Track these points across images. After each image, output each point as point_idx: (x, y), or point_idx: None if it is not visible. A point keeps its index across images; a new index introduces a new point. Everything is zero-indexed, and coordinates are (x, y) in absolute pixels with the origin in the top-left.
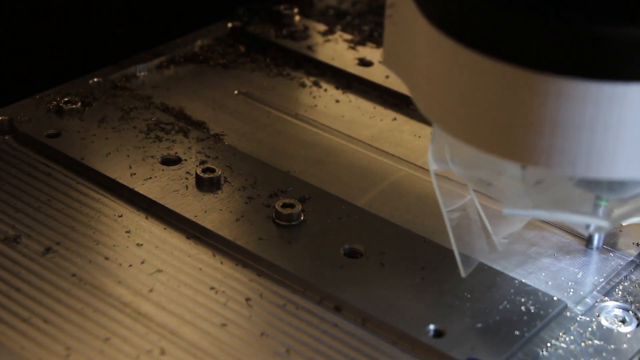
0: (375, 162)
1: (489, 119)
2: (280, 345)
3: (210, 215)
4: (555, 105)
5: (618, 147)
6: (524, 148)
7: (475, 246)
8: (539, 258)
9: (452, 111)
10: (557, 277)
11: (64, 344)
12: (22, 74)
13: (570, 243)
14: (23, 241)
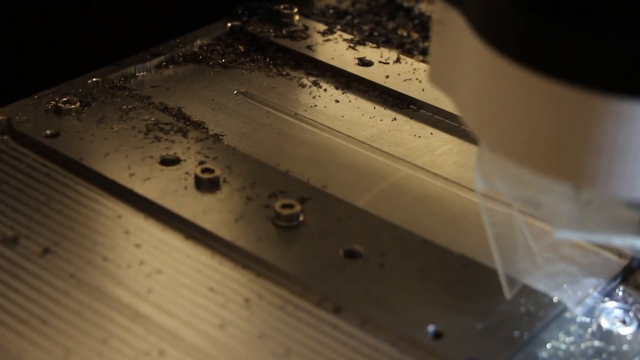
0: (375, 163)
1: (544, 139)
2: (279, 346)
3: (209, 216)
4: (614, 127)
5: None
6: (581, 170)
7: (518, 265)
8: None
9: (504, 131)
10: (557, 278)
11: (62, 345)
12: (21, 74)
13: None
14: (21, 242)
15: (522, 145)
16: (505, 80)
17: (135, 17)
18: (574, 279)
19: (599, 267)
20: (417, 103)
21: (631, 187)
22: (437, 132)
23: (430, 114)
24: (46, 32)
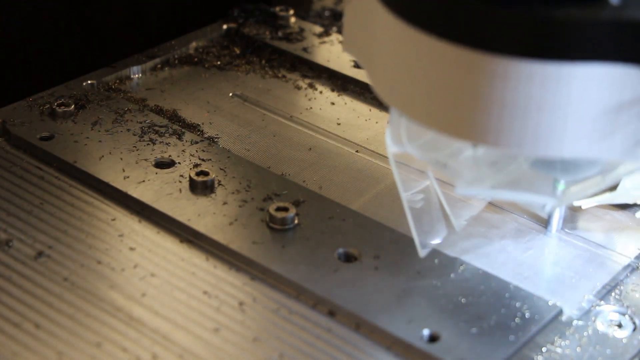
0: (371, 165)
1: (439, 98)
2: (274, 350)
3: (204, 219)
4: (503, 85)
5: (564, 126)
6: (474, 127)
7: (433, 228)
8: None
9: (405, 92)
10: (552, 281)
11: (56, 349)
12: (15, 77)
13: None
14: (15, 245)
15: (425, 106)
16: (404, 43)
17: (130, 20)
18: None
19: (595, 270)
20: None
21: (520, 145)
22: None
23: None
24: (41, 35)
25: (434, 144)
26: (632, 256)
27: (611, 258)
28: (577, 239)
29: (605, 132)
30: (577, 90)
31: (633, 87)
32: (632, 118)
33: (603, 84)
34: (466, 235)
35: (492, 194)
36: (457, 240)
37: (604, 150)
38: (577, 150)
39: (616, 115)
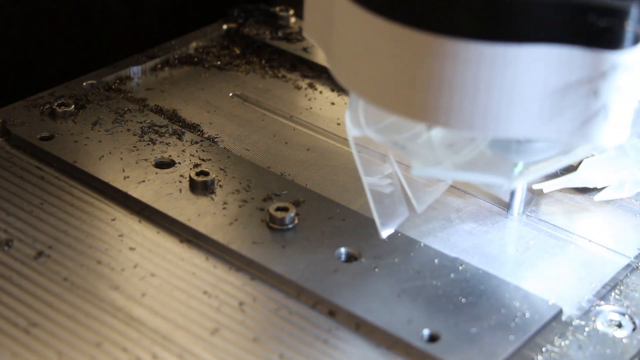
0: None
1: (393, 80)
2: (274, 350)
3: (204, 219)
4: (453, 67)
5: (512, 107)
6: (426, 108)
7: (394, 210)
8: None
9: (361, 75)
10: (551, 281)
11: (56, 349)
12: (15, 77)
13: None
14: (15, 245)
15: (379, 88)
16: (360, 28)
17: (130, 20)
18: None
19: (595, 270)
20: None
21: (471, 125)
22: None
23: None
24: (41, 34)
25: (394, 127)
26: (631, 256)
27: (610, 258)
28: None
29: (553, 112)
30: (524, 72)
31: (579, 68)
32: (579, 99)
33: (550, 65)
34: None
35: (448, 175)
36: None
37: (553, 130)
38: (525, 130)
39: (563, 96)
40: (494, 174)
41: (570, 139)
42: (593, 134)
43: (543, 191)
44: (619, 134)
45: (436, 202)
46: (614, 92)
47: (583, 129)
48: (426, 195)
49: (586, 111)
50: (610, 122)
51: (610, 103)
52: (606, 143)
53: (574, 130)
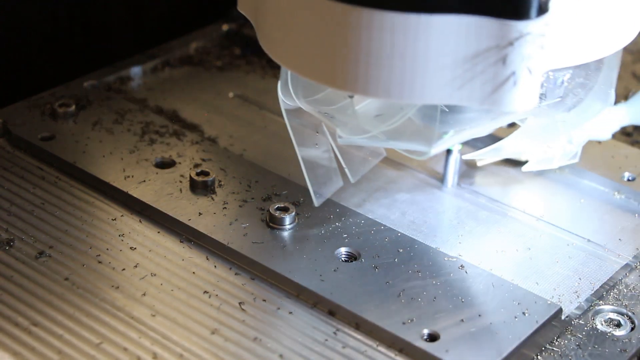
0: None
1: (314, 50)
2: (274, 350)
3: (204, 219)
4: (368, 36)
5: (426, 74)
6: (345, 77)
7: (328, 179)
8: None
9: (286, 46)
10: (551, 280)
11: (56, 349)
12: (16, 77)
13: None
14: (16, 245)
15: (303, 58)
16: (284, 0)
17: (130, 20)
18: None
19: (594, 269)
20: None
21: (387, 92)
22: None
23: None
24: (42, 35)
25: (326, 99)
26: (630, 256)
27: (610, 258)
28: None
29: (464, 79)
30: (436, 40)
31: (488, 38)
32: (488, 66)
33: (460, 34)
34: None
35: (372, 142)
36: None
37: (465, 97)
38: (439, 97)
39: (473, 63)
40: (416, 141)
41: (482, 105)
42: (503, 101)
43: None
44: (528, 101)
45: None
46: (522, 60)
47: (493, 95)
48: (360, 165)
49: (496, 79)
50: (519, 89)
51: (518, 71)
52: (516, 109)
53: (485, 97)
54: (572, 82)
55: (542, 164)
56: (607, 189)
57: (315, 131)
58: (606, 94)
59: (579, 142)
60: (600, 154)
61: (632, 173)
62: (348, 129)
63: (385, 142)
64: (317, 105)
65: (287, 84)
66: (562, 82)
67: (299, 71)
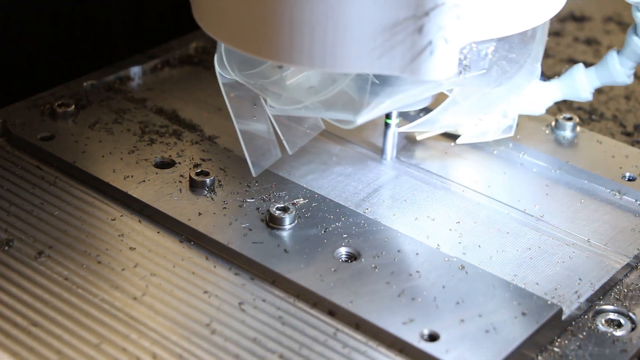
0: (371, 165)
1: (241, 21)
2: (274, 350)
3: (204, 219)
4: (292, 5)
5: (347, 44)
6: (270, 46)
7: (266, 150)
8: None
9: (215, 17)
10: (551, 280)
11: (55, 349)
12: (16, 77)
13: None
14: (15, 245)
15: (233, 30)
16: None
17: (130, 20)
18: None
19: (594, 269)
20: None
21: (311, 61)
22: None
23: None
24: (41, 34)
25: (260, 73)
26: (630, 256)
27: (610, 258)
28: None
29: (384, 48)
30: (356, 10)
31: (405, 7)
32: (407, 36)
33: (378, 3)
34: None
35: (303, 112)
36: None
37: (385, 66)
38: (361, 66)
39: (392, 33)
40: (345, 111)
41: (402, 73)
42: (421, 69)
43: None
44: (446, 70)
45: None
46: (438, 30)
47: (412, 64)
48: (298, 138)
49: (414, 48)
50: (436, 58)
51: (435, 40)
52: (434, 78)
53: (404, 66)
54: (496, 55)
55: (476, 137)
56: (607, 189)
57: (253, 104)
58: (532, 68)
59: (512, 116)
60: (600, 154)
61: (632, 173)
62: (282, 101)
63: (316, 112)
64: (253, 78)
65: (222, 57)
66: (485, 55)
67: (230, 43)
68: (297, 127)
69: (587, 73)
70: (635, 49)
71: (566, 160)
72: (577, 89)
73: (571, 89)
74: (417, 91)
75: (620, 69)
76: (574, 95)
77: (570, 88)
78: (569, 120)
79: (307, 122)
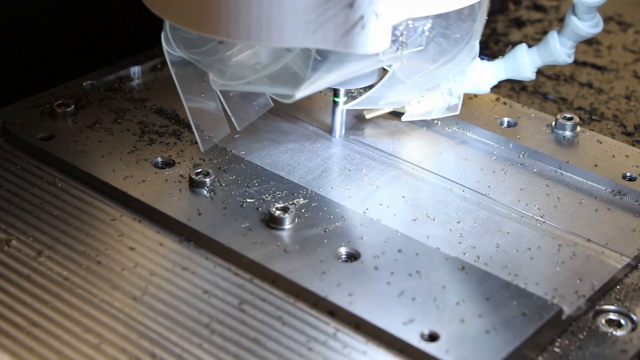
0: (371, 165)
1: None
2: (273, 350)
3: (204, 219)
4: None
5: (282, 18)
6: (209, 21)
7: (215, 126)
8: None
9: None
10: (551, 280)
11: (55, 349)
12: (15, 77)
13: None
14: (15, 245)
15: (174, 6)
16: None
17: (130, 20)
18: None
19: (595, 269)
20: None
21: (248, 36)
22: (432, 133)
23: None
24: (41, 35)
25: (206, 50)
26: (630, 256)
27: (610, 257)
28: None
29: (318, 23)
30: None
31: None
32: (339, 11)
33: None
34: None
35: (245, 87)
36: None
37: (320, 40)
38: (296, 40)
39: (325, 7)
40: (286, 86)
41: (336, 47)
42: (354, 43)
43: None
44: (378, 44)
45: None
46: (369, 5)
47: (345, 38)
48: (246, 114)
49: (346, 22)
50: (368, 32)
51: (366, 15)
52: (367, 51)
53: (337, 40)
54: (432, 32)
55: (422, 114)
56: (607, 189)
57: (201, 81)
58: (471, 46)
59: (458, 94)
60: (601, 154)
61: (632, 173)
62: (226, 77)
63: (257, 87)
64: (199, 55)
65: (168, 35)
66: (422, 31)
67: (171, 18)
68: (246, 104)
69: (530, 53)
70: (574, 29)
71: (566, 160)
72: (520, 68)
73: (514, 68)
74: (355, 66)
75: (560, 49)
76: (517, 74)
77: (514, 67)
78: (569, 120)
79: (256, 100)
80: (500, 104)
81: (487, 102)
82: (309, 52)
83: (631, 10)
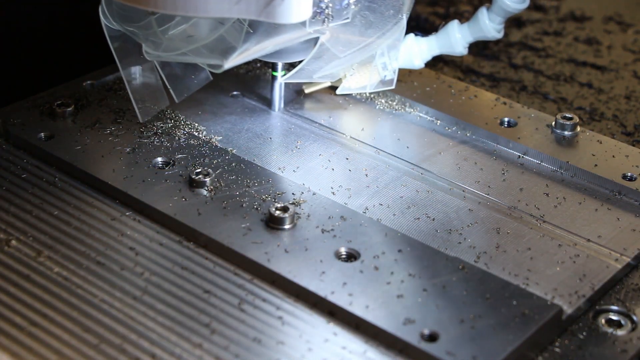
0: (371, 164)
1: None
2: (273, 350)
3: (204, 219)
4: None
5: None
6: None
7: (153, 97)
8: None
9: None
10: (551, 280)
11: (55, 349)
12: (15, 77)
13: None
14: (14, 244)
15: None
16: None
17: None
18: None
19: (595, 269)
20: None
21: (173, 6)
22: (432, 133)
23: (428, 117)
24: (41, 35)
25: (145, 25)
26: (630, 256)
27: (610, 258)
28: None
29: None
30: None
31: None
32: None
33: None
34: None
35: (178, 58)
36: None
37: (243, 10)
38: (220, 10)
39: None
40: (217, 57)
41: (259, 17)
42: (276, 13)
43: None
44: (299, 14)
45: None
46: None
47: (267, 8)
48: (184, 87)
49: None
50: (289, 3)
51: None
52: (288, 21)
53: (260, 10)
54: (358, 5)
55: (357, 88)
56: (607, 189)
57: (139, 54)
58: (399, 20)
59: (392, 69)
60: (601, 154)
61: (632, 173)
62: (161, 48)
63: (190, 58)
64: (135, 28)
65: (104, 9)
66: (347, 4)
67: None
68: (185, 77)
69: (461, 29)
70: (501, 5)
71: (566, 160)
72: (452, 43)
73: (447, 44)
74: (284, 38)
75: (489, 24)
76: (450, 49)
77: (446, 43)
78: (569, 120)
79: (196, 74)
80: (500, 104)
81: (487, 102)
82: (243, 25)
83: (631, 10)
